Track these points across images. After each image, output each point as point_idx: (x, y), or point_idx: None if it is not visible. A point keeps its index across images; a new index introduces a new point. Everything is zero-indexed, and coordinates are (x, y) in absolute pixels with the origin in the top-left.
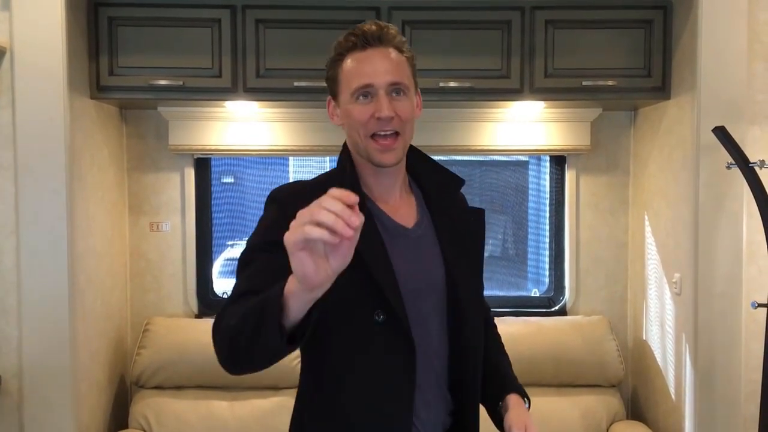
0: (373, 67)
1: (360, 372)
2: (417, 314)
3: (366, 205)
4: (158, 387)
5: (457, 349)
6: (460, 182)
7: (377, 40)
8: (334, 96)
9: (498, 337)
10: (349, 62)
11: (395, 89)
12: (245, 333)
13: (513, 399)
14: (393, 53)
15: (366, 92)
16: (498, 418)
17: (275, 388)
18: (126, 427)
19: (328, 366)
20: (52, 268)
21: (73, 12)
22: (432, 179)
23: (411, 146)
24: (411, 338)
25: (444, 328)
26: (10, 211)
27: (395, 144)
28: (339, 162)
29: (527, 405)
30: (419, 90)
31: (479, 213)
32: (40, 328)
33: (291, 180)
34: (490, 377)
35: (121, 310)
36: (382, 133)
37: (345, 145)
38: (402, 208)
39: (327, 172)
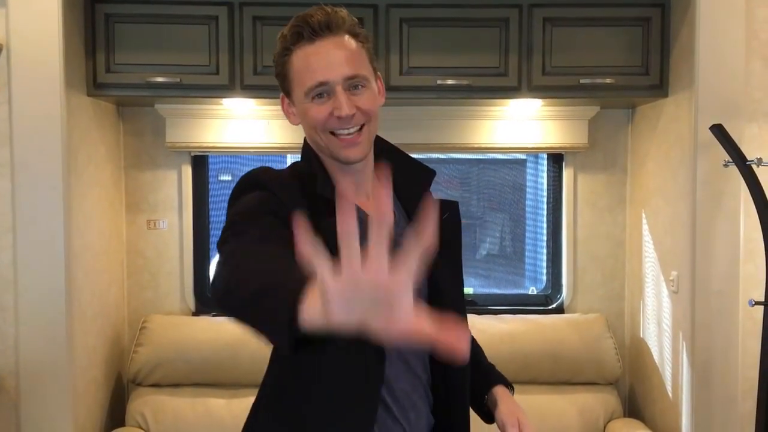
0: (326, 61)
1: (320, 376)
2: None
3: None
4: (155, 385)
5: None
6: (431, 174)
7: (326, 28)
8: (287, 93)
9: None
10: (298, 57)
11: (353, 83)
12: (255, 308)
13: (500, 391)
14: (346, 41)
15: (322, 90)
16: (485, 412)
17: None
18: (123, 424)
19: (290, 365)
20: (48, 265)
21: (69, 8)
22: (402, 173)
23: (377, 137)
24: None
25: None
26: (7, 209)
27: (359, 138)
28: (304, 156)
29: (512, 393)
30: (379, 74)
31: (453, 206)
32: (36, 326)
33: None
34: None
35: (118, 307)
36: (344, 131)
37: (305, 141)
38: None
39: (293, 165)
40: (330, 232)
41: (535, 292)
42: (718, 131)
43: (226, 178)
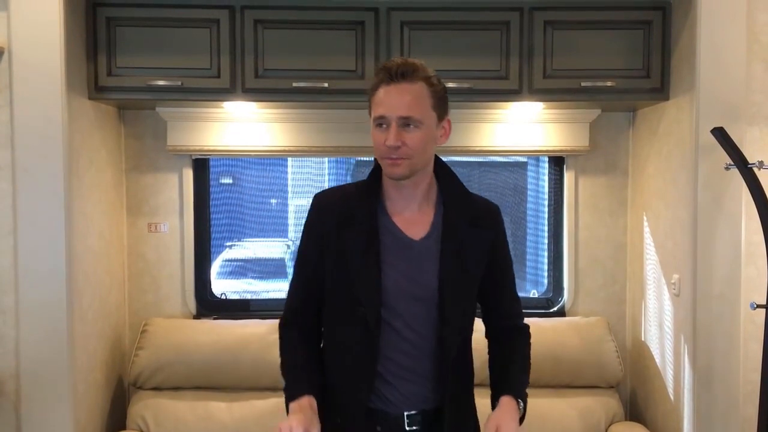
0: (391, 101)
1: (338, 345)
2: (402, 312)
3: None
4: (156, 388)
5: (440, 344)
6: (482, 212)
7: (401, 75)
8: (371, 116)
9: (522, 345)
10: (379, 92)
11: (406, 122)
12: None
13: (503, 400)
14: (416, 88)
15: (381, 122)
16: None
17: (274, 389)
18: (124, 428)
19: (325, 330)
20: (49, 268)
21: (71, 12)
22: (452, 201)
23: (445, 168)
24: (378, 333)
25: (433, 327)
26: (8, 211)
27: (401, 162)
28: (370, 173)
29: (521, 408)
30: (448, 119)
31: (486, 211)
32: (37, 329)
33: (290, 179)
34: (495, 381)
35: (119, 310)
36: (391, 158)
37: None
38: (416, 221)
39: (359, 182)
40: (344, 240)
41: (536, 296)
42: (720, 134)
43: (227, 180)
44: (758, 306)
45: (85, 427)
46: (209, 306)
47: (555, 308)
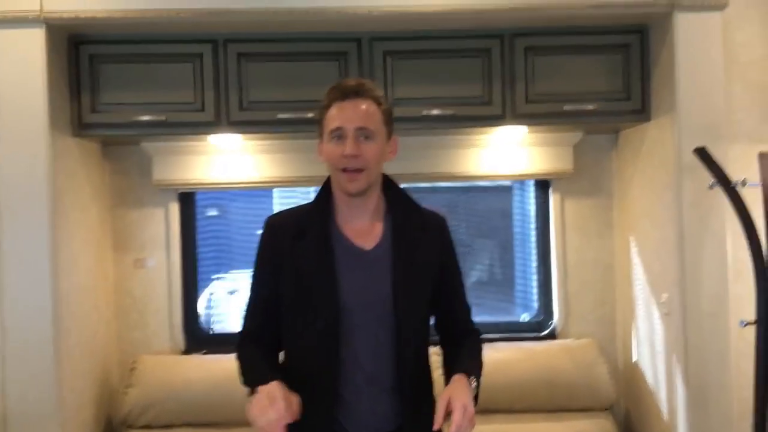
0: (347, 114)
1: (299, 360)
2: (359, 321)
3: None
4: (146, 426)
5: (398, 349)
6: (430, 219)
7: (355, 93)
8: (320, 136)
9: (474, 340)
10: (331, 110)
11: (363, 134)
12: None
13: (455, 377)
14: (367, 105)
15: (338, 134)
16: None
17: None
18: None
19: (285, 351)
20: (35, 307)
21: (53, 50)
22: (400, 212)
23: (392, 183)
24: (336, 343)
25: (390, 333)
26: None
27: (359, 176)
28: (318, 192)
29: (474, 386)
30: (394, 136)
31: (438, 226)
32: (24, 369)
33: (276, 209)
34: (447, 371)
35: (106, 348)
36: (349, 168)
37: (329, 176)
38: (367, 232)
39: (309, 203)
40: (298, 252)
41: (527, 319)
42: (702, 154)
43: (214, 213)
44: (748, 323)
45: None
46: (198, 340)
47: (546, 331)
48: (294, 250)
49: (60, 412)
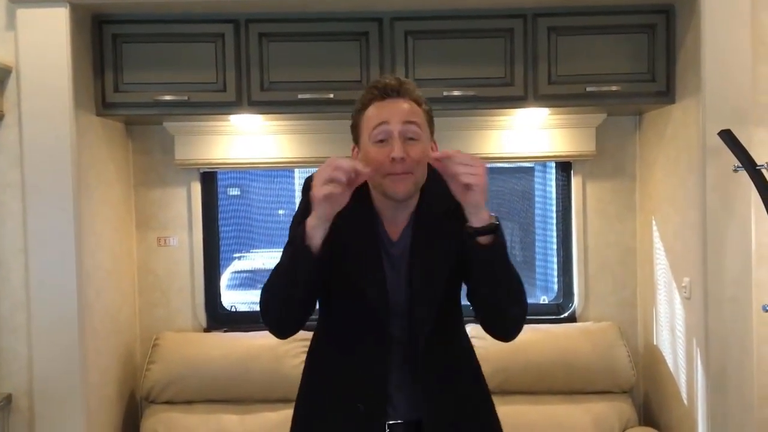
0: (390, 110)
1: (345, 335)
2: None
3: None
4: (168, 402)
5: (412, 345)
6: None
7: (396, 92)
8: (357, 142)
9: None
10: (370, 110)
11: (409, 134)
12: (286, 268)
13: None
14: (409, 104)
15: (382, 133)
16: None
17: (285, 401)
18: None
19: (324, 326)
20: (60, 285)
21: (77, 29)
22: (430, 195)
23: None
24: (386, 323)
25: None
26: (19, 229)
27: (407, 178)
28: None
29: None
30: (435, 142)
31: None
32: (49, 346)
33: (296, 191)
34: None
35: (130, 325)
36: (396, 173)
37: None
38: (399, 225)
39: None
40: (338, 221)
41: (546, 302)
42: (727, 136)
43: (235, 193)
44: None
45: None
46: (219, 319)
47: (565, 314)
48: (341, 225)
49: (84, 388)
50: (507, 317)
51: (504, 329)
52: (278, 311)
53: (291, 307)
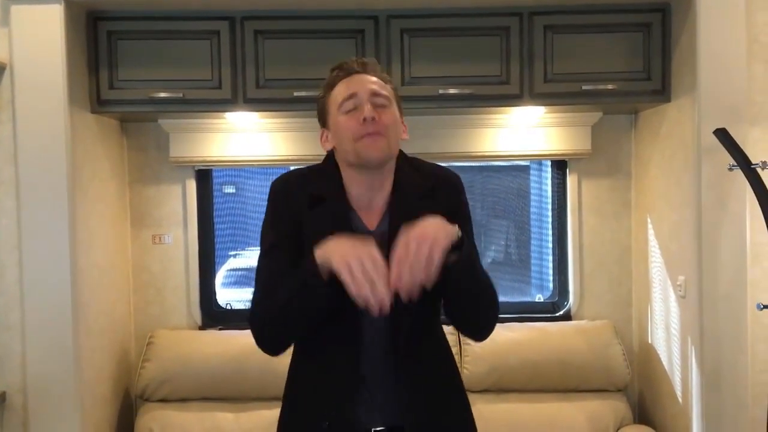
0: (357, 83)
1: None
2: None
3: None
4: (163, 400)
5: (400, 346)
6: (440, 181)
7: (362, 69)
8: (325, 125)
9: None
10: (336, 89)
11: (377, 100)
12: (293, 295)
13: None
14: (377, 79)
15: (351, 103)
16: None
17: (280, 398)
18: None
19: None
20: (54, 282)
21: (72, 26)
22: (406, 177)
23: (402, 154)
24: (359, 320)
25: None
26: (13, 226)
27: (380, 140)
28: (325, 160)
29: (460, 236)
30: (404, 118)
31: (447, 191)
32: (43, 343)
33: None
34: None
35: (124, 323)
36: (368, 133)
37: (330, 153)
38: (374, 210)
39: (315, 166)
40: (311, 220)
41: (541, 300)
42: (722, 135)
43: (230, 190)
44: (765, 307)
45: None
46: (214, 316)
47: (561, 312)
48: (311, 219)
49: (79, 385)
50: (480, 323)
51: (478, 332)
52: (277, 342)
53: (293, 337)
